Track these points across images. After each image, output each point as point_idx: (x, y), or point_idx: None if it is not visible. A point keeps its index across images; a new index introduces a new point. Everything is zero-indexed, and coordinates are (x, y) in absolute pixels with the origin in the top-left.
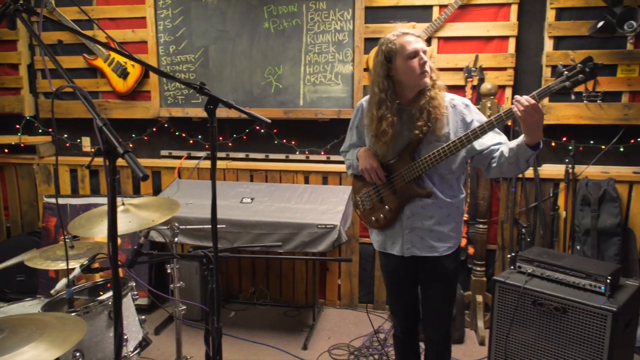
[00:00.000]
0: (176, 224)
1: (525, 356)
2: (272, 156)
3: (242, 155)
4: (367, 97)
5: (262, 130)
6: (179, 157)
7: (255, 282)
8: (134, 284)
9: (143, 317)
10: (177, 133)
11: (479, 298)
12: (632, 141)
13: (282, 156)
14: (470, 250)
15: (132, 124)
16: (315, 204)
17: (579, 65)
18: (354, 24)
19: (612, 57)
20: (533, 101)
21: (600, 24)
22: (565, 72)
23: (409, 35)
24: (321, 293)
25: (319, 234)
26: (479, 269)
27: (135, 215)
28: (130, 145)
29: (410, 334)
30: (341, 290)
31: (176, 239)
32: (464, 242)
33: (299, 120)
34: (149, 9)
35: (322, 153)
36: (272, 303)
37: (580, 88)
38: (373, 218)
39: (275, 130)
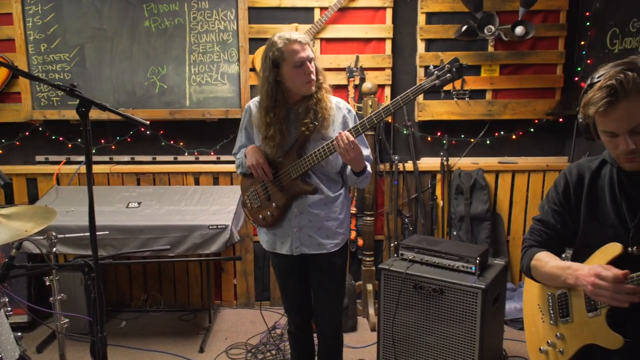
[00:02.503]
0: (53, 233)
1: (410, 337)
2: (159, 158)
3: (127, 158)
4: (255, 98)
5: (148, 132)
6: (57, 163)
7: (147, 289)
8: (7, 300)
9: (20, 333)
10: (53, 137)
11: (369, 287)
12: (497, 134)
13: (170, 158)
14: (360, 242)
15: (1, 128)
16: (206, 205)
17: (447, 65)
18: (237, 24)
19: (475, 58)
20: (351, 139)
21: (464, 28)
22: (436, 72)
23: (295, 44)
24: (217, 294)
25: (210, 234)
26: (368, 259)
27: (5, 226)
28: (0, 152)
29: (304, 329)
30: (237, 289)
31: (54, 249)
32: (353, 234)
33: (186, 120)
34: (16, 4)
35: (212, 153)
36: (167, 308)
37: (449, 87)
38: (260, 216)
39: (161, 132)
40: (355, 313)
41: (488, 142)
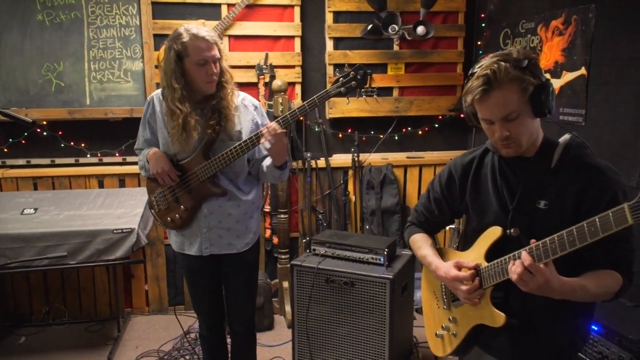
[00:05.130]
0: None
1: (323, 330)
2: (58, 161)
3: (22, 161)
4: (158, 90)
5: (45, 133)
6: None
7: (49, 300)
8: None
9: None
10: None
11: (285, 284)
12: (404, 130)
13: (71, 160)
14: (275, 240)
15: None
16: (111, 208)
17: (352, 72)
18: (140, 19)
19: (382, 56)
20: (279, 131)
21: (369, 27)
22: (341, 79)
23: (202, 41)
24: (127, 302)
25: (115, 239)
26: (283, 256)
27: None
28: None
29: (217, 331)
30: (149, 295)
31: None
32: (268, 232)
33: (87, 120)
34: None
35: (117, 155)
36: (71, 320)
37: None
38: (169, 218)
39: (60, 133)
40: (272, 311)
41: (396, 137)
